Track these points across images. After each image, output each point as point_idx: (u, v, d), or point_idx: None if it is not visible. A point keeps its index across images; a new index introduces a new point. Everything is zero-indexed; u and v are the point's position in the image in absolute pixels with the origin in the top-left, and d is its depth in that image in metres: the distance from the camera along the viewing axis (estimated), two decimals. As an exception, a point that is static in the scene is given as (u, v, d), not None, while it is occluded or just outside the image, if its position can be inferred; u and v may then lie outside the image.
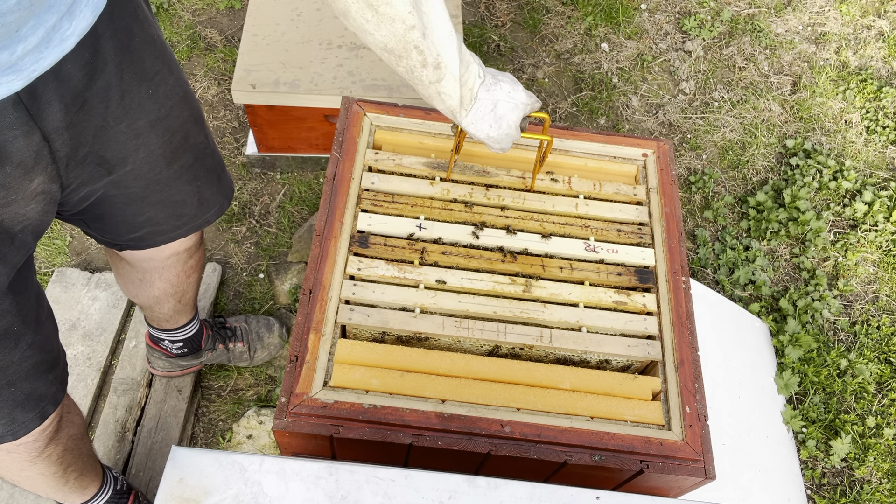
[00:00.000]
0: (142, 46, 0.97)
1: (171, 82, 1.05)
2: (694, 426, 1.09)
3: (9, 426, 1.05)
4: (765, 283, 2.19)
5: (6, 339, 0.95)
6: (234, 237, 2.15)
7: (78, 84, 0.87)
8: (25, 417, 1.07)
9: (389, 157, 1.31)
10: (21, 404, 1.04)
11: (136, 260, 1.34)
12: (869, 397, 2.03)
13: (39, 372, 1.05)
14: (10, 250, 0.92)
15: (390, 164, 1.30)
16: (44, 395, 1.08)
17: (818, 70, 2.73)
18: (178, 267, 1.38)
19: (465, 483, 0.94)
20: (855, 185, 2.43)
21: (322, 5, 2.11)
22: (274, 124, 2.08)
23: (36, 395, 1.06)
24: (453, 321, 1.14)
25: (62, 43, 0.79)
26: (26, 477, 1.24)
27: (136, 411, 1.80)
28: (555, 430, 1.05)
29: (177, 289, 1.46)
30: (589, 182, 1.33)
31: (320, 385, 1.07)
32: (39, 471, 1.22)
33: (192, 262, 1.40)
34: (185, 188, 1.18)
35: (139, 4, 0.97)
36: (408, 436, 1.03)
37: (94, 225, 1.17)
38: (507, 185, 1.32)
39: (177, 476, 0.92)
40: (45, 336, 1.05)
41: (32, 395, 1.05)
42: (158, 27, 1.05)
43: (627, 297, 1.21)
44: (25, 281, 0.99)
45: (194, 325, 1.68)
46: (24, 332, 0.98)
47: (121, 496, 1.52)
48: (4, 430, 1.06)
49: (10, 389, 1.01)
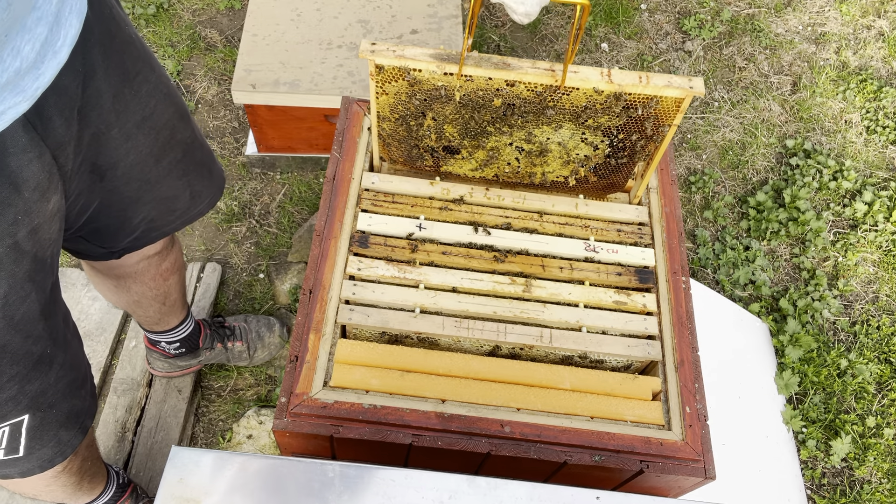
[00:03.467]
0: (122, 47, 0.96)
1: (154, 80, 1.04)
2: (694, 426, 1.09)
3: (57, 447, 1.08)
4: (765, 283, 2.19)
5: (42, 364, 0.96)
6: (234, 237, 2.15)
7: (73, 95, 0.86)
8: (69, 436, 1.09)
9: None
10: (64, 424, 1.07)
11: (107, 268, 1.34)
12: (869, 397, 2.03)
13: (74, 389, 1.06)
14: (44, 277, 0.92)
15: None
16: (81, 410, 1.10)
17: (818, 70, 2.73)
18: (151, 271, 1.38)
19: (465, 483, 0.94)
20: (855, 185, 2.43)
21: (322, 5, 2.11)
22: (274, 124, 2.08)
23: (75, 412, 1.08)
24: (453, 321, 1.14)
25: (56, 56, 0.76)
26: (49, 491, 1.27)
27: (136, 411, 1.80)
28: (555, 430, 1.05)
29: (156, 292, 1.45)
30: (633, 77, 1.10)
31: (320, 385, 1.07)
32: (62, 483, 1.25)
33: (166, 264, 1.40)
34: (176, 183, 1.18)
35: (113, 4, 0.96)
36: (408, 436, 1.03)
37: (94, 238, 1.17)
38: (532, 84, 1.07)
39: (177, 476, 0.91)
40: (74, 354, 1.06)
41: (72, 413, 1.08)
42: (133, 26, 1.04)
43: (627, 297, 1.21)
44: (55, 304, 0.99)
45: (188, 325, 1.68)
46: (56, 354, 0.99)
47: (122, 489, 1.55)
48: (54, 453, 1.08)
49: (52, 411, 1.02)
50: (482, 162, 1.24)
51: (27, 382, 0.95)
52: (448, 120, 1.15)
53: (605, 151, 1.19)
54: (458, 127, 1.16)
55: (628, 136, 1.16)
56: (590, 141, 1.17)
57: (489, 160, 1.23)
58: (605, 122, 1.13)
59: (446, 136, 1.18)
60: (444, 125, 1.16)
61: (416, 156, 1.25)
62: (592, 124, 1.14)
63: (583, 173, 1.25)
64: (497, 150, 1.21)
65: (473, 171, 1.27)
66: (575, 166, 1.23)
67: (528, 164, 1.23)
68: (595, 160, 1.22)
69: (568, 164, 1.23)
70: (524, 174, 1.27)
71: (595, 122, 1.13)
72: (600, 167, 1.24)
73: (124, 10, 1.08)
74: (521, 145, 1.19)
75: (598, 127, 1.14)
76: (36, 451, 1.05)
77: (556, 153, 1.20)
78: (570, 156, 1.21)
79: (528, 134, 1.16)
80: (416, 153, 1.25)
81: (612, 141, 1.17)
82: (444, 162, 1.25)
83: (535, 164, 1.23)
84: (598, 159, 1.21)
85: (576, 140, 1.17)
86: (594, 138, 1.17)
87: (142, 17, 2.59)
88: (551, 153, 1.20)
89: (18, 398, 0.96)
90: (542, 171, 1.26)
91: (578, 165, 1.23)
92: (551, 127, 1.14)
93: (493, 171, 1.26)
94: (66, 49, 0.77)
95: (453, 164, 1.26)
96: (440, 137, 1.19)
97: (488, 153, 1.21)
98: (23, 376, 0.94)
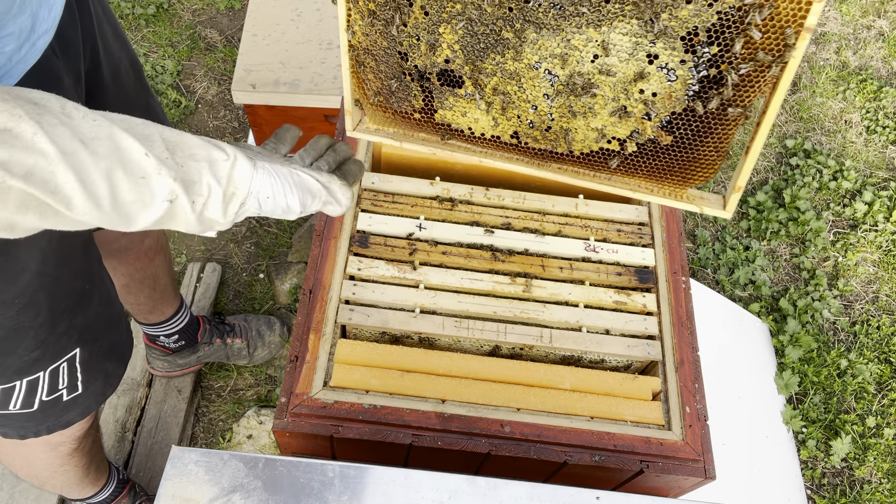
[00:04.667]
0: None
1: (114, 23, 1.08)
2: (694, 426, 1.09)
3: (105, 379, 1.14)
4: (765, 283, 2.19)
5: (84, 299, 1.02)
6: (234, 237, 2.15)
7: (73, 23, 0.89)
8: (114, 367, 1.16)
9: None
10: (107, 356, 1.12)
11: None
12: (869, 397, 2.03)
13: (113, 324, 1.13)
14: None
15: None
16: (120, 343, 1.16)
17: (818, 70, 2.73)
18: (133, 250, 1.41)
19: (465, 483, 0.94)
20: (855, 185, 2.43)
21: (322, 5, 2.11)
22: (274, 124, 2.08)
23: (116, 345, 1.15)
24: (453, 321, 1.14)
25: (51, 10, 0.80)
26: (62, 472, 1.31)
27: (136, 411, 1.80)
28: (555, 430, 1.05)
29: (144, 273, 1.47)
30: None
31: (320, 385, 1.07)
32: (74, 464, 1.29)
33: (148, 241, 1.42)
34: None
35: None
36: (408, 436, 1.03)
37: None
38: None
39: (177, 476, 0.92)
40: (108, 292, 1.11)
41: (114, 346, 1.14)
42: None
43: (627, 297, 1.21)
44: (90, 242, 1.04)
45: (184, 316, 1.69)
46: (94, 290, 1.05)
47: (122, 485, 1.57)
48: (105, 385, 1.14)
49: (97, 344, 1.08)
50: (495, 107, 0.85)
51: (73, 316, 1.00)
52: (445, 15, 0.79)
53: (688, 83, 0.75)
54: (460, 30, 0.79)
55: (727, 50, 0.71)
56: (662, 61, 0.73)
57: (506, 103, 0.84)
58: (690, 18, 0.70)
59: (443, 49, 0.82)
60: (440, 26, 0.80)
61: (400, 92, 0.89)
62: (667, 24, 0.70)
63: (649, 131, 0.80)
64: (517, 80, 0.81)
65: (483, 125, 0.88)
66: (637, 118, 0.79)
67: (563, 112, 0.82)
68: (669, 104, 0.77)
69: (625, 114, 0.79)
70: (556, 133, 0.84)
71: (672, 17, 0.70)
72: (678, 121, 0.78)
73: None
74: (552, 68, 0.79)
75: (675, 31, 0.71)
76: (91, 384, 1.11)
77: (607, 88, 0.78)
78: (630, 94, 0.77)
79: (563, 44, 0.76)
80: (400, 87, 0.88)
81: (700, 62, 0.72)
82: (441, 103, 0.87)
83: (575, 114, 0.81)
84: (675, 102, 0.76)
85: (639, 59, 0.74)
86: (668, 55, 0.73)
87: (142, 17, 2.59)
88: (599, 90, 0.78)
89: (70, 332, 1.01)
90: (585, 129, 0.83)
91: (641, 116, 0.79)
92: (598, 30, 0.73)
93: (512, 124, 0.86)
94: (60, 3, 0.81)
95: (454, 110, 0.88)
96: (434, 50, 0.82)
97: (504, 86, 0.82)
98: (70, 310, 0.99)
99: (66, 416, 1.12)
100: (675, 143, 0.80)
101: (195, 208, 0.69)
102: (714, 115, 0.76)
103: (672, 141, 0.80)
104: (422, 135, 0.95)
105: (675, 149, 0.81)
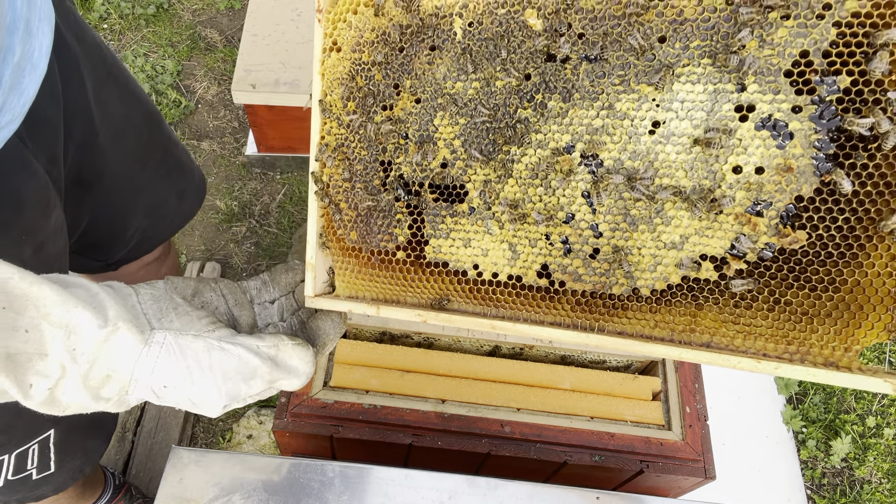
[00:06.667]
0: (93, 50, 0.96)
1: (123, 81, 1.04)
2: (694, 426, 1.09)
3: (84, 456, 1.11)
4: (765, 283, 2.19)
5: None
6: (234, 237, 2.15)
7: (56, 107, 0.85)
8: (95, 444, 1.13)
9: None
10: (87, 432, 1.09)
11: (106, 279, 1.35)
12: (869, 397, 2.03)
13: None
14: None
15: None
16: (104, 419, 1.13)
17: (818, 70, 2.73)
18: (150, 277, 1.39)
19: (465, 483, 0.94)
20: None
21: (322, 5, 2.11)
22: (274, 124, 2.08)
23: (99, 421, 1.11)
24: (453, 321, 1.14)
25: (34, 70, 0.73)
26: (54, 499, 1.29)
27: (136, 411, 1.80)
28: (555, 430, 1.05)
29: None
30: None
31: (320, 385, 1.07)
32: (68, 494, 1.27)
33: (164, 269, 1.41)
34: (162, 185, 1.18)
35: (74, 9, 0.95)
36: (408, 436, 1.03)
37: (88, 253, 1.17)
38: None
39: (177, 476, 0.92)
40: None
41: (96, 422, 1.10)
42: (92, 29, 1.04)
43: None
44: None
45: None
46: None
47: (117, 490, 1.56)
48: (83, 462, 1.11)
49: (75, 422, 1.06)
50: (512, 225, 0.56)
51: None
52: (441, 100, 0.57)
53: (814, 143, 0.46)
54: (463, 119, 0.56)
55: (865, 73, 0.45)
56: (762, 113, 0.47)
57: (527, 216, 0.56)
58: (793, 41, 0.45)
59: (440, 148, 0.58)
60: (436, 115, 0.57)
61: (380, 218, 0.63)
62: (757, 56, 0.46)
63: (764, 236, 0.50)
64: (542, 177, 0.55)
65: (495, 259, 0.59)
66: (737, 216, 0.50)
67: (616, 223, 0.54)
68: (788, 183, 0.48)
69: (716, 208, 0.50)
70: (608, 260, 0.56)
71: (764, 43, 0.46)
72: (812, 211, 0.48)
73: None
74: (590, 150, 0.53)
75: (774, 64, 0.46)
76: (66, 462, 1.06)
77: (680, 175, 0.50)
78: (718, 176, 0.50)
79: (606, 112, 0.51)
80: (379, 211, 0.62)
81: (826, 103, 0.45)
82: (434, 229, 0.61)
83: (635, 222, 0.53)
84: (797, 177, 0.47)
85: (723, 117, 0.48)
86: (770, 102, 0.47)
87: (142, 17, 2.60)
88: (668, 179, 0.51)
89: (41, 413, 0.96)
90: (653, 248, 0.54)
91: (745, 211, 0.50)
92: (655, 85, 0.49)
93: (539, 252, 0.58)
94: (43, 59, 0.74)
95: (452, 238, 0.60)
96: (425, 147, 0.57)
97: (525, 189, 0.56)
98: None
99: (38, 492, 1.07)
100: (815, 252, 0.46)
101: (33, 393, 0.49)
102: (874, 191, 0.44)
103: (809, 246, 0.46)
104: (407, 294, 0.65)
105: (815, 264, 0.47)
